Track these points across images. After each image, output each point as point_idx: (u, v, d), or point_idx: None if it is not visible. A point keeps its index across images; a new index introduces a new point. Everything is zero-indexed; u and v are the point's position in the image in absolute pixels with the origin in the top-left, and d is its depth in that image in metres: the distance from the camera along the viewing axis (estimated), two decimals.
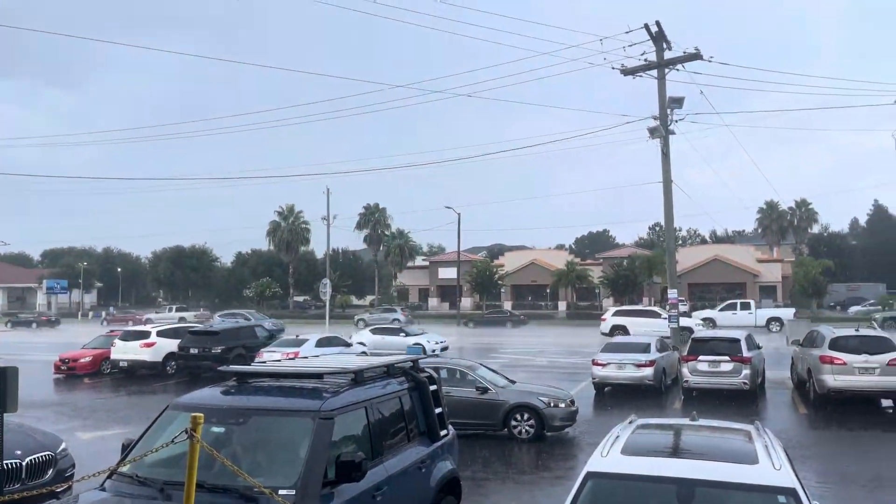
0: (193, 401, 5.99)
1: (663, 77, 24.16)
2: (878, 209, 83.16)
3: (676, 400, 17.32)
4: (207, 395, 6.16)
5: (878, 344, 15.72)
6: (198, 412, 4.68)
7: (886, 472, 10.68)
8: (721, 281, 62.16)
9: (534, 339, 38.68)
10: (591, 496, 4.52)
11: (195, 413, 4.51)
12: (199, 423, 4.36)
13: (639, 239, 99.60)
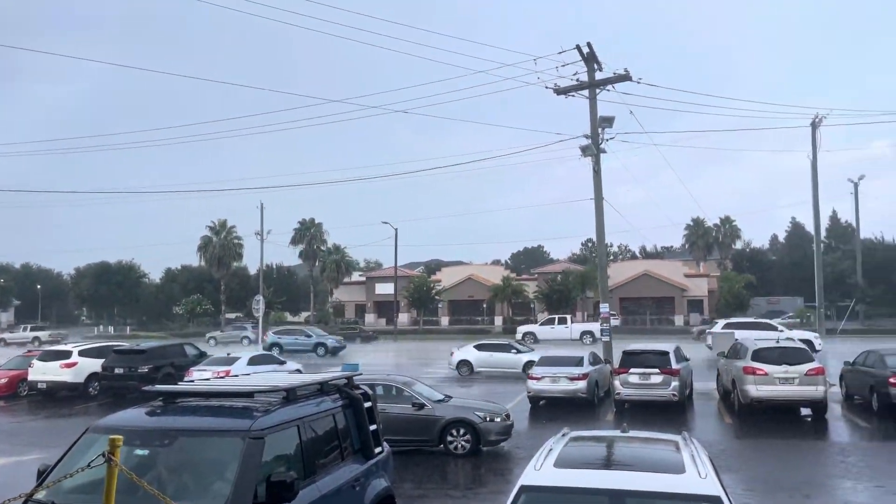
0: (115, 422, 5.74)
1: (594, 97, 24.84)
2: (796, 226, 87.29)
3: (609, 412, 17.66)
4: (130, 417, 5.92)
5: (797, 355, 16.45)
6: (119, 434, 4.49)
7: (806, 477, 11.13)
8: (651, 295, 63.95)
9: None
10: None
11: (114, 436, 4.32)
12: (117, 446, 4.18)
13: (572, 254, 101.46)
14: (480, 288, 68.68)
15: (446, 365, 28.86)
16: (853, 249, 63.27)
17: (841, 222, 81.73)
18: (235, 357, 22.01)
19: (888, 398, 15.68)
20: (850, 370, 18.41)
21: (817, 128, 47.10)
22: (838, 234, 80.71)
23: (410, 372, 21.09)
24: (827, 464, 12.06)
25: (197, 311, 70.33)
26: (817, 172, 46.87)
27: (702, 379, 21.47)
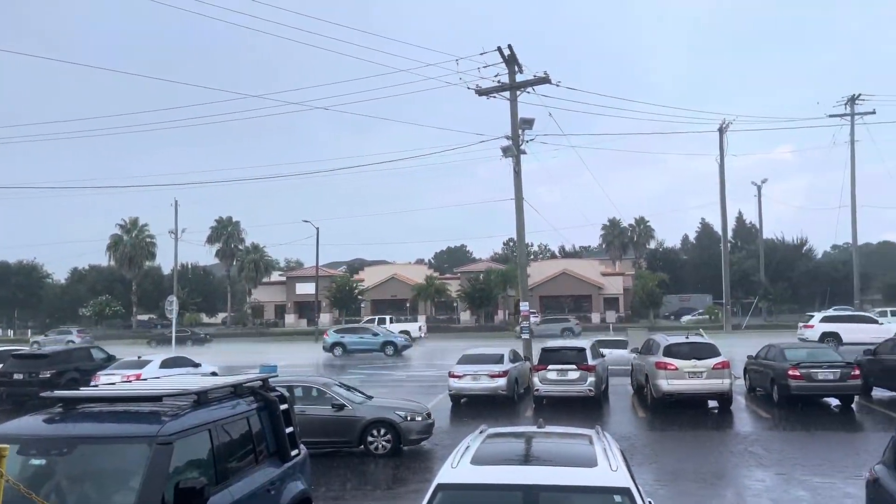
0: (7, 431, 5.39)
1: (515, 99, 25.21)
2: (705, 227, 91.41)
3: (528, 408, 17.96)
4: (26, 425, 5.57)
5: (705, 350, 17.19)
6: (11, 443, 4.21)
7: (713, 467, 11.64)
8: (569, 293, 65.59)
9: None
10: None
11: (2, 445, 4.05)
12: (3, 456, 3.91)
13: (495, 254, 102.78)
14: (404, 287, 68.63)
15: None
16: (757, 249, 66.82)
17: (746, 223, 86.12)
18: (147, 360, 21.11)
19: (787, 390, 16.62)
20: (753, 364, 19.40)
21: (724, 133, 49.42)
22: (743, 234, 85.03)
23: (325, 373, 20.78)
24: (732, 453, 12.64)
25: (106, 313, 67.24)
26: (724, 175, 49.13)
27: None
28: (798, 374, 16.48)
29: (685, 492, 10.09)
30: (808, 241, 77.27)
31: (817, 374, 16.46)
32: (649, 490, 9.81)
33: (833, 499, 9.42)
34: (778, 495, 9.72)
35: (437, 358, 33.78)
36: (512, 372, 18.74)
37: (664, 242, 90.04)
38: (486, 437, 5.74)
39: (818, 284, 66.65)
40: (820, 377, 16.43)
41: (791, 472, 11.03)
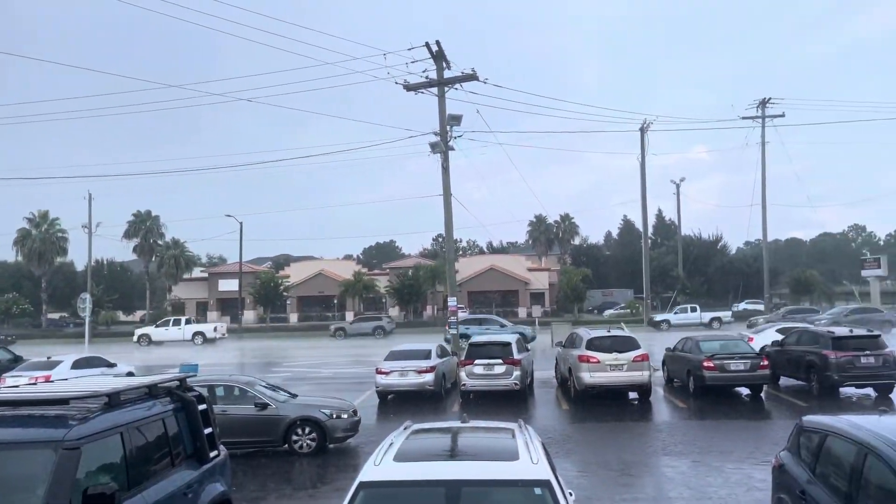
0: None
1: (443, 95, 25.30)
2: (627, 223, 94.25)
3: (456, 403, 18.07)
4: None
5: (626, 343, 17.72)
6: None
7: (634, 457, 11.99)
8: (497, 289, 66.34)
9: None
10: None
11: None
12: None
13: (424, 249, 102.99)
14: (331, 283, 67.80)
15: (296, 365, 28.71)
16: (675, 245, 69.34)
17: (665, 220, 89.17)
18: (57, 360, 20.12)
19: (702, 380, 17.34)
20: (671, 356, 20.14)
21: (645, 132, 51.04)
22: (663, 231, 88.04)
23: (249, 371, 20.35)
24: (651, 442, 13.07)
25: (13, 312, 63.63)
26: (645, 174, 50.73)
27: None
28: (712, 365, 17.22)
29: (605, 481, 10.36)
30: (722, 238, 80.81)
31: (730, 364, 17.24)
32: (571, 481, 10.05)
33: (743, 484, 9.86)
34: (693, 482, 10.11)
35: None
36: (439, 367, 18.80)
37: (588, 238, 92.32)
38: (411, 434, 5.73)
39: (732, 279, 69.79)
40: (732, 368, 17.22)
41: (705, 459, 11.49)
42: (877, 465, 4.68)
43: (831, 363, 16.98)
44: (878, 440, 4.81)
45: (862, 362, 16.94)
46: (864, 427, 5.20)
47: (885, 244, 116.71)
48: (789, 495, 5.95)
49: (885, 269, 58.35)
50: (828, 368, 17.04)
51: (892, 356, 17.09)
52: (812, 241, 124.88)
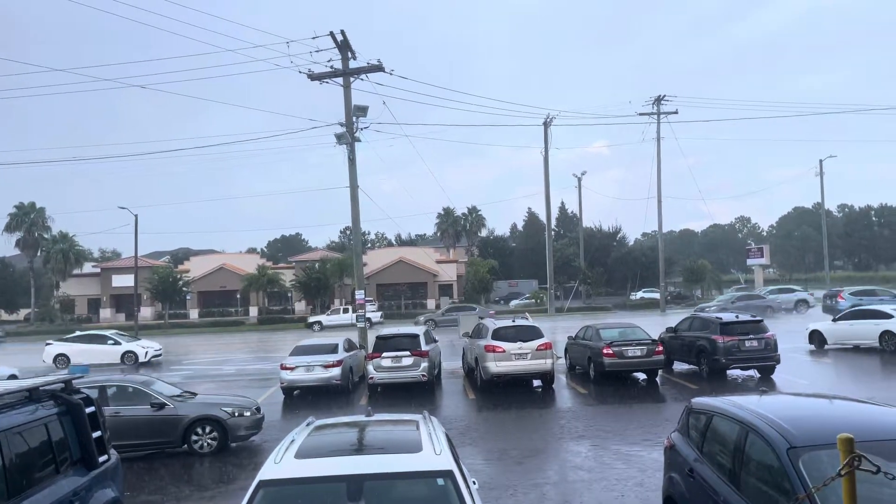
0: None
1: (349, 85, 24.95)
2: (531, 216, 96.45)
3: (363, 396, 17.96)
4: None
5: (530, 333, 18.13)
6: None
7: (537, 443, 12.30)
8: (406, 281, 66.37)
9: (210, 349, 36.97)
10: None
11: None
12: None
13: (331, 242, 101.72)
14: (234, 278, 65.79)
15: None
16: (577, 237, 71.61)
17: (568, 213, 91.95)
18: None
19: (602, 367, 17.99)
20: (573, 343, 20.78)
21: (549, 127, 52.25)
22: (566, 223, 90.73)
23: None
24: (553, 428, 13.44)
25: None
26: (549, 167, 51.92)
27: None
28: (611, 352, 17.90)
29: (510, 468, 10.57)
30: (621, 230, 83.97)
31: (627, 351, 17.98)
32: (477, 469, 10.19)
33: (639, 465, 10.31)
34: (593, 465, 10.48)
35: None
36: (347, 361, 18.62)
37: (495, 231, 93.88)
38: (313, 430, 5.63)
39: (630, 269, 72.66)
40: (630, 354, 17.97)
41: (605, 442, 11.93)
42: (756, 442, 4.98)
43: (719, 347, 18.03)
44: (757, 419, 5.12)
45: (746, 346, 18.07)
46: (746, 407, 5.52)
47: (768, 234, 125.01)
48: (679, 474, 6.25)
49: (767, 258, 62.51)
50: (716, 352, 18.08)
51: (773, 339, 18.31)
52: (703, 232, 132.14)
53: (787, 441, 4.63)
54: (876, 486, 3.96)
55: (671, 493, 6.39)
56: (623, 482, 9.49)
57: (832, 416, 5.52)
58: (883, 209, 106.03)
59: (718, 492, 5.30)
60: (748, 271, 67.41)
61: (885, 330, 22.26)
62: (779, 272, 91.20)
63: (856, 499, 3.20)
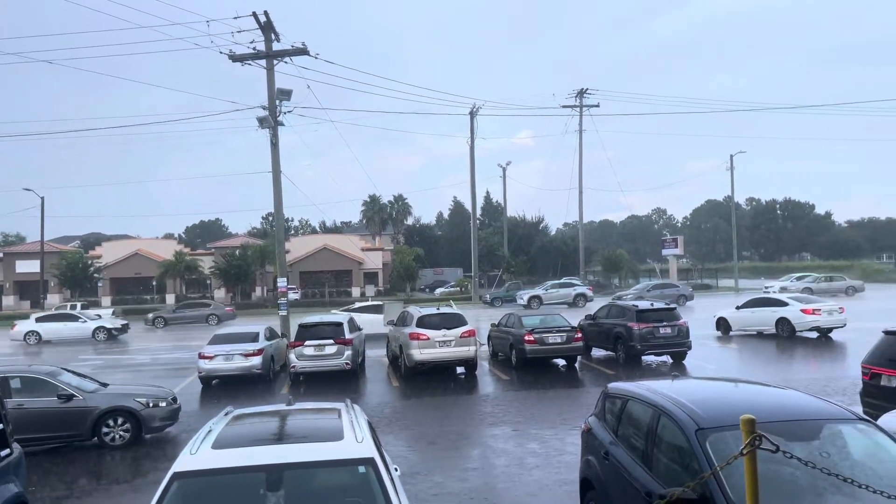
0: None
1: (272, 68, 24.35)
2: (457, 205, 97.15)
3: (285, 386, 17.69)
4: None
5: (454, 320, 18.28)
6: None
7: (460, 429, 12.43)
8: (330, 269, 65.59)
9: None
10: (178, 497, 4.25)
11: None
12: None
13: (252, 228, 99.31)
14: (150, 264, 63.36)
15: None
16: (502, 226, 72.55)
17: (493, 202, 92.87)
18: None
19: (524, 354, 18.34)
20: (496, 331, 21.08)
21: (475, 116, 52.60)
22: (490, 212, 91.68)
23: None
24: (476, 414, 13.62)
25: None
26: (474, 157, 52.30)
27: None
28: (532, 338, 18.27)
29: (433, 454, 10.65)
30: (544, 219, 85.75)
31: (548, 338, 18.39)
32: (401, 456, 10.23)
33: (557, 448, 10.59)
34: (514, 449, 10.69)
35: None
36: (268, 350, 18.28)
37: (421, 219, 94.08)
38: (231, 419, 5.51)
39: (552, 258, 74.26)
40: (550, 341, 18.39)
41: (525, 427, 12.19)
42: (667, 424, 5.20)
43: (635, 334, 18.68)
44: (668, 402, 5.34)
45: (661, 333, 18.79)
46: (659, 391, 5.75)
47: (682, 226, 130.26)
48: (595, 456, 6.45)
49: (681, 249, 65.11)
50: (632, 339, 18.73)
51: (685, 326, 19.12)
52: (622, 223, 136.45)
53: (695, 423, 4.84)
54: (775, 465, 4.20)
55: (587, 475, 6.59)
56: (542, 466, 9.72)
57: (737, 398, 5.82)
58: (787, 203, 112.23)
59: (632, 473, 5.50)
60: (663, 261, 70.04)
61: (780, 317, 23.76)
62: (691, 262, 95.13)
63: (756, 476, 3.39)
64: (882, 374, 9.59)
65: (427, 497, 8.49)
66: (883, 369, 9.61)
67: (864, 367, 10.11)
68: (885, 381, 9.49)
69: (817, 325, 23.23)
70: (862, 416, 5.06)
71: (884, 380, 9.53)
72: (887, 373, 9.50)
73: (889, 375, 9.45)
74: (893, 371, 9.40)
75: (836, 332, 23.58)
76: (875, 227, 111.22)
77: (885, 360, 9.69)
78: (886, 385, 9.42)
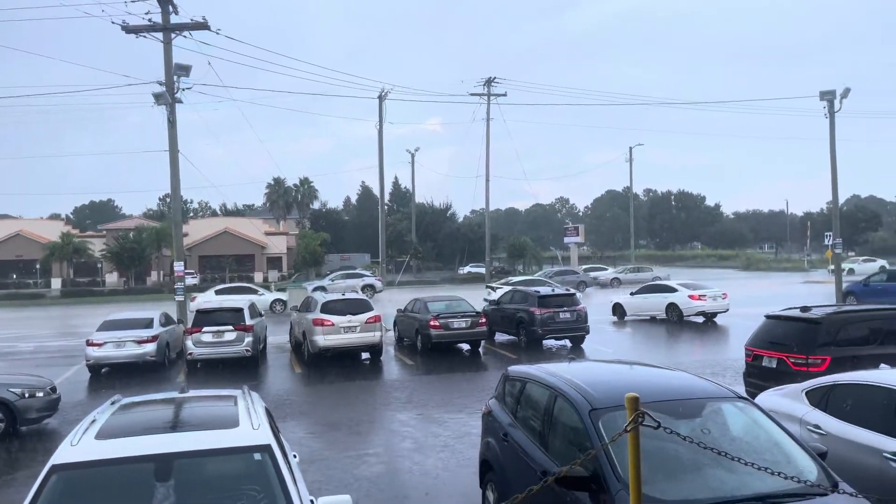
0: None
1: (170, 42, 23.22)
2: (365, 189, 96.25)
3: (181, 373, 17.04)
4: None
5: (359, 306, 18.15)
6: None
7: (364, 414, 12.35)
8: (231, 253, 63.55)
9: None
10: (57, 492, 3.99)
11: None
12: None
13: (148, 210, 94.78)
14: (33, 246, 59.28)
15: None
16: (410, 212, 72.56)
17: (401, 188, 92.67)
18: None
19: (429, 339, 18.46)
20: (402, 316, 21.09)
21: (384, 100, 52.16)
22: (399, 198, 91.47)
23: None
24: (380, 400, 13.60)
25: None
26: (383, 141, 51.95)
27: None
28: (437, 324, 18.40)
29: (336, 440, 10.55)
30: (452, 206, 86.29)
31: (453, 323, 18.57)
32: (301, 443, 10.07)
33: (459, 431, 10.72)
34: (416, 434, 10.73)
35: None
36: (163, 336, 17.53)
37: (328, 203, 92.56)
38: (119, 408, 5.23)
39: (459, 244, 75.04)
40: (455, 326, 18.58)
41: (429, 411, 12.27)
42: (563, 405, 5.35)
43: (536, 319, 19.18)
44: (564, 384, 5.50)
45: (560, 317, 19.38)
46: (556, 373, 5.90)
47: (584, 215, 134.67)
48: (495, 438, 6.57)
49: (582, 237, 67.34)
50: (533, 323, 19.23)
51: (584, 311, 19.81)
52: (527, 211, 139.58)
53: (589, 403, 5.01)
54: (661, 442, 4.40)
55: (487, 456, 6.69)
56: (445, 448, 9.82)
57: (629, 380, 6.06)
58: (681, 195, 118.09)
59: (529, 453, 5.63)
60: (565, 249, 72.19)
61: (670, 302, 25.08)
62: (592, 250, 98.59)
63: (639, 451, 3.55)
64: (763, 355, 10.27)
65: (329, 482, 8.41)
66: (764, 351, 10.29)
67: (747, 349, 10.79)
68: (766, 363, 10.16)
69: (703, 310, 24.65)
70: (741, 395, 5.39)
71: (765, 361, 10.21)
72: (768, 354, 10.18)
73: (770, 357, 10.12)
74: (773, 353, 10.07)
75: (719, 316, 25.08)
76: (759, 219, 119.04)
77: (766, 343, 10.38)
78: (767, 366, 10.09)
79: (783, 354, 9.87)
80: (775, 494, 4.17)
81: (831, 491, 4.24)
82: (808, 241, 67.98)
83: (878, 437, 5.79)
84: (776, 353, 10.03)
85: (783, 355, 9.86)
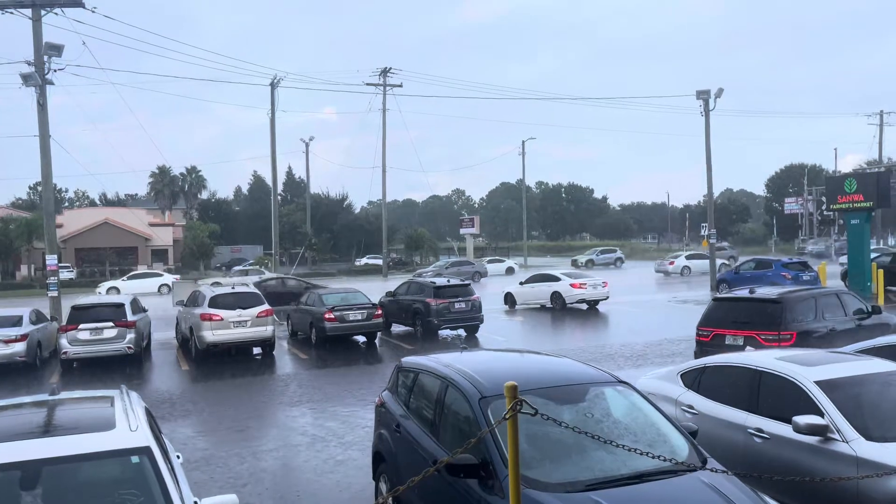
0: None
1: (39, 18, 21.60)
2: (257, 179, 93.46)
3: (54, 374, 15.97)
4: None
5: (251, 300, 17.64)
6: None
7: (255, 411, 12.04)
8: (112, 245, 60.13)
9: None
10: None
11: None
12: None
13: (17, 199, 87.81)
14: None
15: None
16: (304, 202, 71.16)
17: (295, 178, 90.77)
18: None
19: (324, 331, 18.22)
20: (295, 309, 20.70)
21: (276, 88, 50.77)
22: (293, 188, 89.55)
23: None
24: (273, 394, 13.30)
25: None
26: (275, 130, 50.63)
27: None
28: (332, 316, 18.19)
29: (226, 438, 10.23)
30: (348, 197, 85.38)
31: (348, 315, 18.42)
32: (187, 442, 9.72)
33: (354, 424, 10.66)
34: (310, 428, 10.58)
35: None
36: (34, 335, 16.35)
37: (217, 193, 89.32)
38: None
39: (355, 235, 74.42)
40: (350, 318, 18.44)
41: (323, 405, 12.13)
42: (453, 394, 5.43)
43: (432, 309, 19.36)
44: (456, 374, 5.58)
45: (456, 308, 19.65)
46: (448, 363, 5.97)
47: (479, 206, 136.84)
48: (387, 430, 6.57)
49: (477, 228, 68.46)
50: (429, 314, 19.39)
51: (478, 301, 20.18)
52: (424, 203, 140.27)
53: (479, 392, 5.11)
54: (546, 427, 4.55)
55: (380, 448, 6.69)
56: (339, 442, 9.74)
57: (517, 368, 6.23)
58: (571, 187, 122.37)
59: (421, 443, 5.68)
60: (462, 240, 73.12)
61: (554, 291, 26.02)
62: (487, 241, 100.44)
63: (518, 438, 3.69)
64: (727, 334, 10.93)
65: (218, 481, 8.14)
66: (727, 330, 10.96)
67: (701, 329, 11.44)
68: (731, 341, 10.80)
69: (584, 297, 25.74)
70: (621, 379, 5.66)
71: (728, 339, 10.86)
72: (732, 333, 10.84)
73: (735, 335, 10.78)
74: (740, 332, 10.74)
75: (601, 303, 26.27)
76: (643, 211, 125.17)
77: (728, 323, 11.04)
78: (733, 343, 10.68)
79: (752, 332, 10.49)
80: (649, 472, 4.43)
81: (699, 468, 4.55)
82: (686, 231, 72.28)
83: (744, 414, 6.26)
84: (743, 331, 10.66)
85: (752, 333, 10.48)
